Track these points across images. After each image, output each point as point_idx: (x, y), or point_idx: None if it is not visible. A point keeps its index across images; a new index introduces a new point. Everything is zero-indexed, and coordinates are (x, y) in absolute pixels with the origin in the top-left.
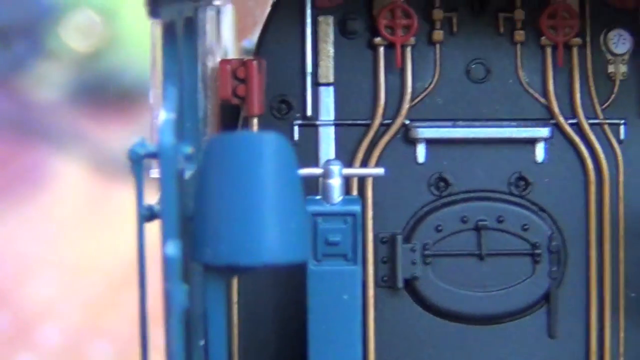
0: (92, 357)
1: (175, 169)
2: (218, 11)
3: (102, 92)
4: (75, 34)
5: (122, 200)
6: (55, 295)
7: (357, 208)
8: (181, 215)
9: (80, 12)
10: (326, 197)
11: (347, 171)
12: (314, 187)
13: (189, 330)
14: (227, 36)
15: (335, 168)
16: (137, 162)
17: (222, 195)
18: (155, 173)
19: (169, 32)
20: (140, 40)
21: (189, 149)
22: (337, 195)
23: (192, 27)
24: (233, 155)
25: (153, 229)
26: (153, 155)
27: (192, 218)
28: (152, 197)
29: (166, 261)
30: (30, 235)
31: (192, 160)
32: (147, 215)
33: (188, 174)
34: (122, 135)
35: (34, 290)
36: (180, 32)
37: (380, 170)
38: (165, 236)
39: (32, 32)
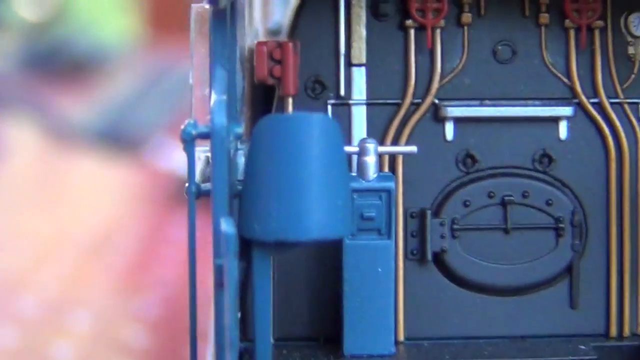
0: (70, 327)
1: (226, 148)
2: None
3: (55, 61)
4: (26, 3)
5: (80, 170)
6: (29, 266)
7: (391, 184)
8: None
9: None
10: (362, 174)
11: (382, 149)
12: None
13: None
14: (258, 18)
15: (371, 146)
16: (190, 142)
17: (272, 174)
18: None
19: (218, 17)
20: (91, 10)
21: (240, 129)
22: (372, 172)
23: (234, 11)
24: (284, 135)
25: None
26: (205, 136)
27: (240, 196)
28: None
29: (222, 237)
30: None
31: (242, 141)
32: (197, 193)
33: (239, 154)
34: (75, 105)
35: (6, 262)
36: (228, 17)
37: (413, 148)
38: (217, 214)
39: None
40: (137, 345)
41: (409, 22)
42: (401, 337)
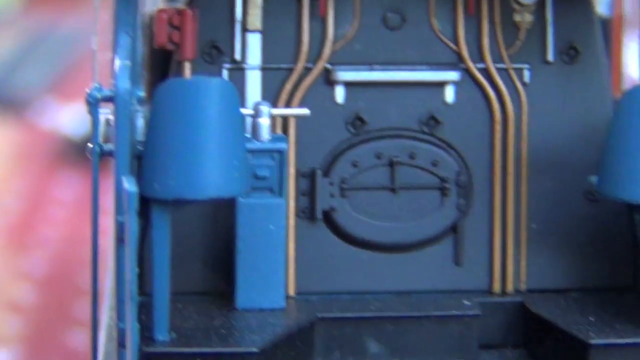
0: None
1: (129, 111)
2: None
3: None
4: None
5: None
6: None
7: (284, 145)
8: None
9: None
10: (256, 135)
11: (276, 111)
12: None
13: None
14: None
15: (265, 108)
16: (94, 105)
17: (172, 135)
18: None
19: None
20: None
21: (141, 93)
22: (266, 133)
23: None
24: (183, 98)
25: None
26: (109, 99)
27: (141, 156)
28: None
29: (124, 195)
30: None
31: (142, 103)
32: (99, 153)
33: (138, 116)
34: None
35: None
36: None
37: (305, 111)
38: (119, 173)
39: None
40: (25, 303)
41: None
42: (292, 292)
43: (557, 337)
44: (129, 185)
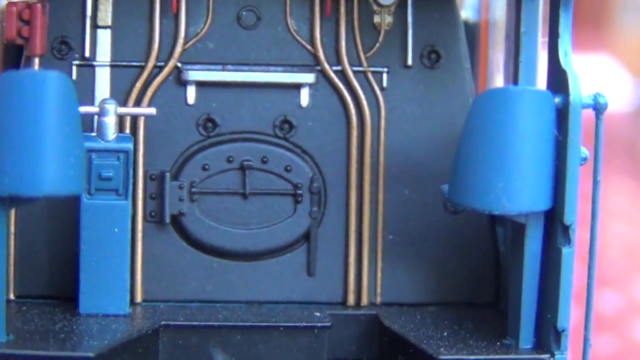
0: None
1: None
2: None
3: None
4: None
5: None
6: None
7: (129, 145)
8: None
9: None
10: (101, 134)
11: (122, 110)
12: (89, 125)
13: None
14: None
15: (111, 107)
16: None
17: (6, 130)
18: None
19: None
20: None
21: None
22: (111, 132)
23: None
24: (16, 92)
25: None
26: None
27: None
28: None
29: None
30: None
31: None
32: None
33: None
34: None
35: None
36: None
37: (152, 110)
38: None
39: None
40: None
41: None
42: (138, 299)
43: (409, 352)
44: None
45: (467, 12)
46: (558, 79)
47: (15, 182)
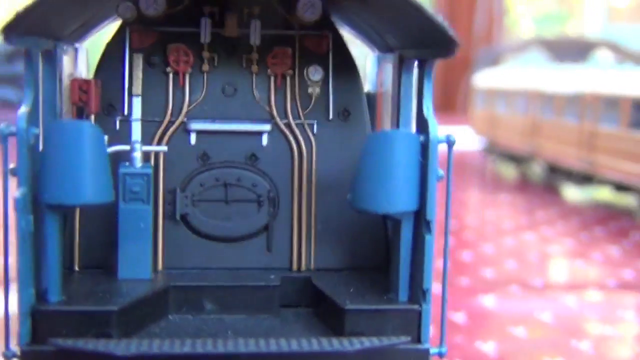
0: None
1: (27, 143)
2: (76, 49)
3: None
4: None
5: None
6: None
7: (150, 171)
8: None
9: None
10: (132, 163)
11: (145, 148)
12: (126, 158)
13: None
14: (82, 66)
15: (137, 145)
16: (4, 138)
17: (57, 161)
18: None
19: (28, 56)
20: None
21: (37, 131)
22: (138, 162)
23: (51, 57)
24: (62, 136)
25: None
26: (14, 134)
27: (38, 175)
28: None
29: (15, 201)
30: None
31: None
32: (10, 172)
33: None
34: None
35: None
36: (38, 58)
37: (164, 148)
38: (18, 186)
39: None
40: None
41: (168, 69)
42: (160, 267)
43: (328, 302)
44: (18, 193)
45: (369, 85)
46: (423, 124)
47: (61, 194)
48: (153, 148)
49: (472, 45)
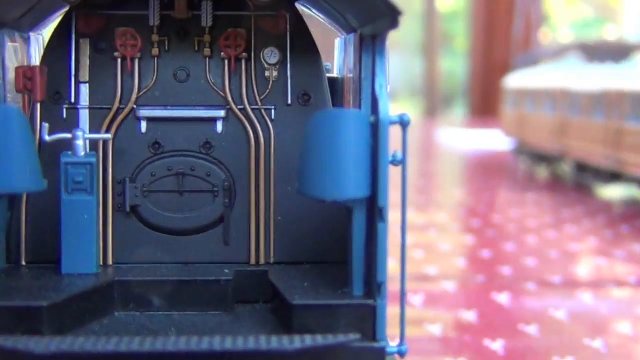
0: None
1: None
2: (28, 37)
3: None
4: None
5: None
6: None
7: (93, 160)
8: None
9: None
10: (74, 152)
11: (87, 135)
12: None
13: None
14: (34, 54)
15: (79, 133)
16: None
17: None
18: None
19: None
20: None
21: None
22: (81, 151)
23: None
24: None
25: None
26: None
27: None
28: None
29: None
30: None
31: None
32: None
33: None
34: None
35: None
36: None
37: (108, 135)
38: None
39: None
40: None
41: (116, 53)
42: (110, 262)
43: (280, 297)
44: None
45: (337, 71)
46: (374, 104)
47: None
48: (96, 136)
49: (511, 51)
